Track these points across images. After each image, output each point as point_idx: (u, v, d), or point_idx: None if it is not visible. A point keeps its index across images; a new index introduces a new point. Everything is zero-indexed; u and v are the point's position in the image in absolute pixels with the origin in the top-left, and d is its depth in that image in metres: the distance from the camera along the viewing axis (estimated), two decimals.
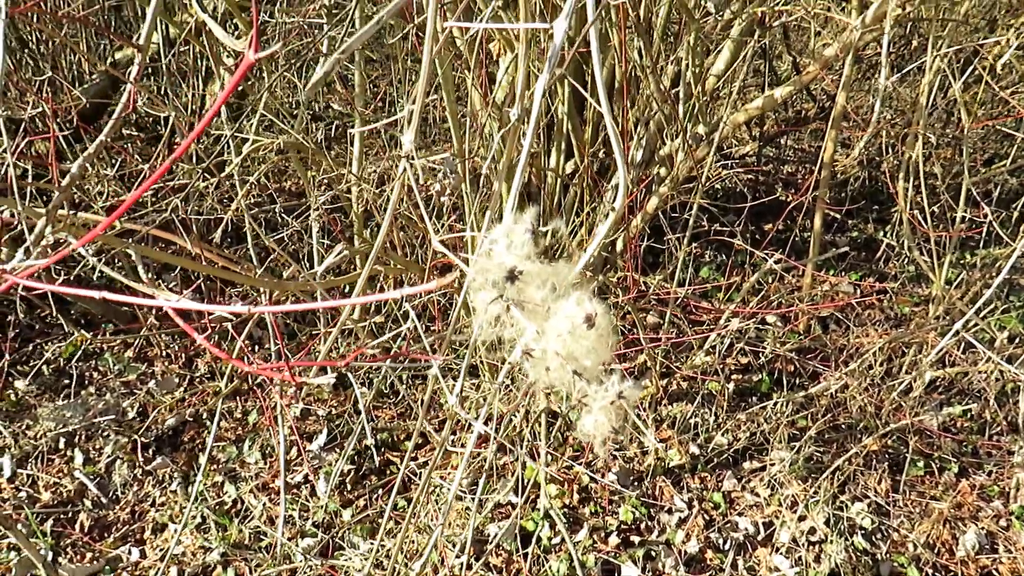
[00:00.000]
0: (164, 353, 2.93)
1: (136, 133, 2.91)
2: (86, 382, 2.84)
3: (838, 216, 3.34)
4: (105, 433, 2.65)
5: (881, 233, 3.58)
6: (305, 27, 2.36)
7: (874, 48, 3.45)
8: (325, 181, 2.40)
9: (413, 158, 0.60)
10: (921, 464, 2.53)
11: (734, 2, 2.30)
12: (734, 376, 2.82)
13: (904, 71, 3.25)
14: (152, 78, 3.15)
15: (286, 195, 2.71)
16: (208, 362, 2.90)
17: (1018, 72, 2.66)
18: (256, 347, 2.87)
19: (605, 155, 2.84)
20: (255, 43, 0.43)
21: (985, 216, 2.46)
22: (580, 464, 2.44)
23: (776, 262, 2.32)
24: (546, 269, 0.56)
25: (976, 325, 2.61)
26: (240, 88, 2.78)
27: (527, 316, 0.55)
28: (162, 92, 2.49)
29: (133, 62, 2.78)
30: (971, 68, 2.36)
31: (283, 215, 2.35)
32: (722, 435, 2.59)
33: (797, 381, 2.81)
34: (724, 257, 3.44)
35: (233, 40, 1.06)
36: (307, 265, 2.38)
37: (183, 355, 2.91)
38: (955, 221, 2.56)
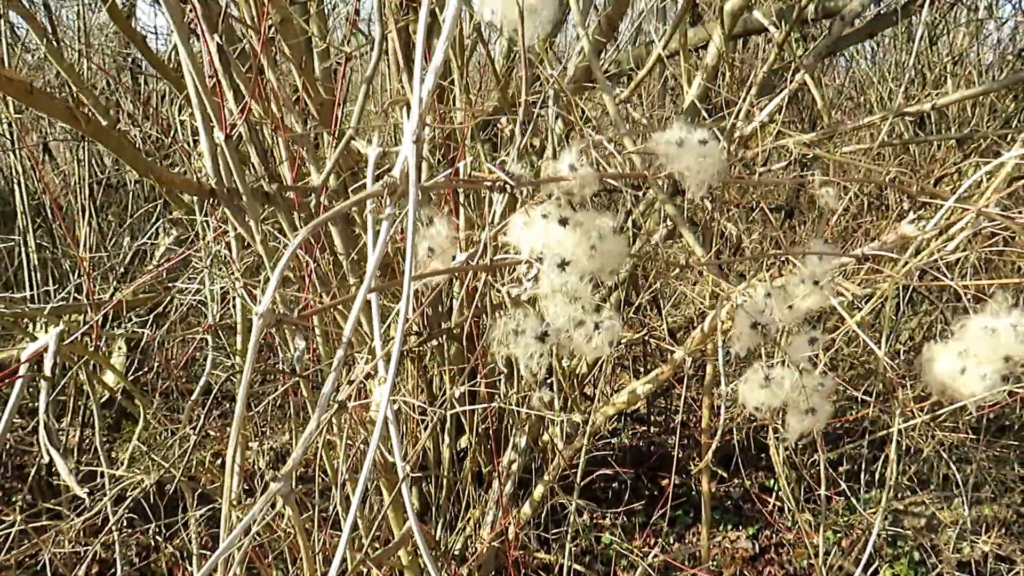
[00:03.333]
0: None
1: None
2: None
3: (726, 475, 3.47)
4: None
5: (771, 481, 3.69)
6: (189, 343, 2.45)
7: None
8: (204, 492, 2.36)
9: None
10: None
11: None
12: None
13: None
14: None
15: (167, 499, 2.63)
16: None
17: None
18: None
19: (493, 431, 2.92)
20: None
21: (838, 493, 2.59)
22: None
23: (654, 557, 2.36)
24: None
25: None
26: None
27: None
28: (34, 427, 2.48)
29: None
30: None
31: (159, 533, 2.28)
32: None
33: None
34: (625, 519, 3.46)
35: (78, 488, 1.09)
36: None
37: None
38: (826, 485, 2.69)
